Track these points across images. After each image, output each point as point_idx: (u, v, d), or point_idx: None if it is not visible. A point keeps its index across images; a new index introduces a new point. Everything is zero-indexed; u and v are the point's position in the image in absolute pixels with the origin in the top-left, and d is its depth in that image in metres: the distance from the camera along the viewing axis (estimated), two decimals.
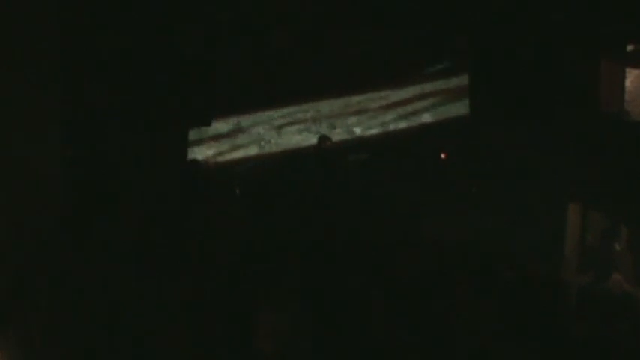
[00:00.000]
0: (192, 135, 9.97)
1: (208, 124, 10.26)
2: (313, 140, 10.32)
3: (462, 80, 10.13)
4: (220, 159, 10.32)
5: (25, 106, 6.25)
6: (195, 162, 9.89)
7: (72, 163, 6.99)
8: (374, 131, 10.62)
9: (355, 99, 10.86)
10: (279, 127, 10.75)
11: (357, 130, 10.71)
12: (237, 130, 10.61)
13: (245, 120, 10.68)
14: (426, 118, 10.63)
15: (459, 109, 10.29)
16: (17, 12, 6.13)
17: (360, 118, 10.80)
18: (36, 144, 6.49)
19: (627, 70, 8.63)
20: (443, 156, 10.16)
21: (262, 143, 10.60)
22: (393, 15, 9.50)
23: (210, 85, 10.03)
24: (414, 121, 10.64)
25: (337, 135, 10.53)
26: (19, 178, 6.11)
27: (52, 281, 6.19)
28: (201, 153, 10.20)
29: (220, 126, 10.40)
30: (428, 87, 10.76)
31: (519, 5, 8.94)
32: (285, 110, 10.78)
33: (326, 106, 10.86)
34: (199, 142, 10.18)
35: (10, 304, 5.71)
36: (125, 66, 8.10)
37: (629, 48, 8.63)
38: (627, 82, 8.63)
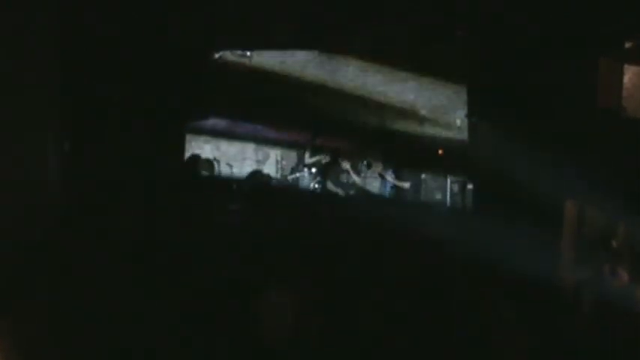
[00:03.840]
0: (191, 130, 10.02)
1: (206, 118, 10.30)
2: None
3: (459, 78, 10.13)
4: (217, 153, 10.37)
5: (25, 105, 6.26)
6: (194, 158, 9.91)
7: (71, 162, 7.02)
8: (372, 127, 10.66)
9: (353, 94, 10.89)
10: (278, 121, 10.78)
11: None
12: (235, 125, 10.67)
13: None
14: (424, 113, 10.66)
15: (456, 105, 10.32)
16: (17, 12, 6.13)
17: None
18: (36, 144, 6.50)
19: (625, 66, 8.63)
20: (440, 152, 10.19)
21: (260, 137, 10.64)
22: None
23: (208, 80, 10.04)
24: (412, 117, 10.67)
25: (335, 128, 10.58)
26: (19, 178, 6.12)
27: (52, 281, 6.20)
28: (199, 148, 10.24)
29: (217, 120, 10.45)
30: (426, 83, 10.79)
31: (518, 2, 8.93)
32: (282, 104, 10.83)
33: (323, 101, 10.90)
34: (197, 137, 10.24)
35: (10, 303, 5.71)
36: (124, 64, 8.12)
37: (628, 45, 8.64)
38: (625, 79, 8.64)
